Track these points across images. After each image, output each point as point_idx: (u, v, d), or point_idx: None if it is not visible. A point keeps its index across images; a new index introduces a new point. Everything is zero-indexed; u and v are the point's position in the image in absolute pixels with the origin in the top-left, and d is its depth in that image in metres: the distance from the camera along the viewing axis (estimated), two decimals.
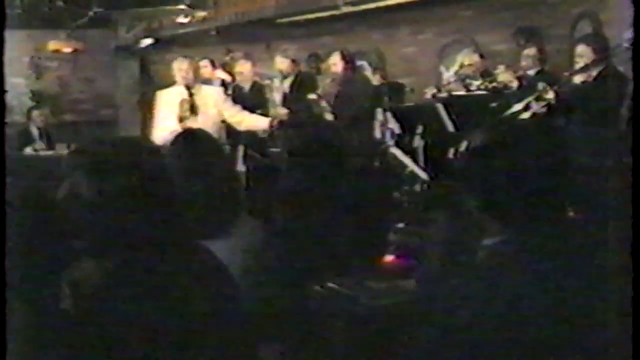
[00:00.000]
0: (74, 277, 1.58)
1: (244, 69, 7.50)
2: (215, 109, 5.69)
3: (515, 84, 5.97)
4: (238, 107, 5.97)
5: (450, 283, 1.75)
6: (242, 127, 6.02)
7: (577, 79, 5.16)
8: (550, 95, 5.01)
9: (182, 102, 5.49)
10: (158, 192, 1.56)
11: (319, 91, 6.80)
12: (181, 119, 5.44)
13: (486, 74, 6.67)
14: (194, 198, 2.30)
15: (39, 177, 1.90)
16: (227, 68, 8.02)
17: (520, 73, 6.16)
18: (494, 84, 6.14)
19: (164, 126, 5.41)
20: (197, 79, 5.88)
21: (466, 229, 2.12)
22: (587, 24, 7.38)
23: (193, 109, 5.49)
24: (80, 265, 1.59)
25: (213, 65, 8.26)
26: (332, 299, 2.66)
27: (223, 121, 5.81)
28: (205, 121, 5.49)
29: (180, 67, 5.64)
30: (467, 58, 7.03)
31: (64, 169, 1.57)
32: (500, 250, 1.68)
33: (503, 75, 6.14)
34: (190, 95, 5.54)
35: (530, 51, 6.45)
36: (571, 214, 1.81)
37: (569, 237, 1.71)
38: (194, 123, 5.41)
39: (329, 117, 6.46)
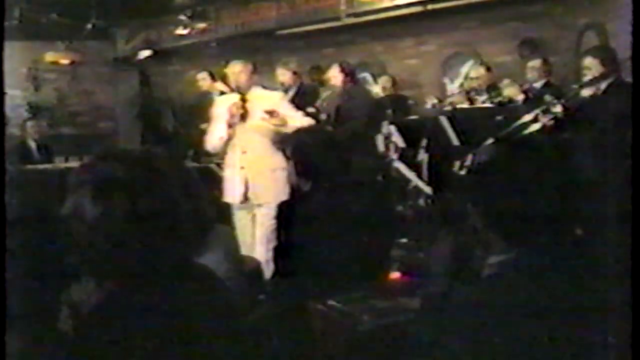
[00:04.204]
0: (74, 298, 1.59)
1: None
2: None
3: (521, 97, 5.88)
4: (300, 113, 5.47)
5: (455, 301, 1.73)
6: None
7: (586, 92, 5.06)
8: (558, 108, 4.91)
9: (231, 107, 5.12)
10: (160, 211, 1.52)
11: (318, 104, 6.72)
12: (230, 125, 5.10)
13: (492, 87, 6.60)
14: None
15: (38, 191, 1.88)
16: (227, 80, 7.94)
17: (527, 86, 6.08)
18: (500, 98, 6.06)
19: (214, 133, 5.19)
20: (251, 82, 5.32)
21: (471, 246, 2.09)
22: (593, 36, 7.31)
23: (243, 115, 5.10)
24: (80, 285, 1.60)
25: (212, 77, 8.19)
26: (334, 318, 2.67)
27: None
28: (255, 127, 5.13)
29: (232, 71, 5.26)
30: (472, 71, 6.98)
31: (69, 184, 1.53)
32: (507, 268, 1.65)
33: (509, 89, 6.07)
34: (243, 100, 5.15)
35: (535, 63, 6.43)
36: (579, 231, 1.79)
37: (577, 255, 1.69)
38: (241, 129, 5.10)
39: (328, 129, 6.35)
